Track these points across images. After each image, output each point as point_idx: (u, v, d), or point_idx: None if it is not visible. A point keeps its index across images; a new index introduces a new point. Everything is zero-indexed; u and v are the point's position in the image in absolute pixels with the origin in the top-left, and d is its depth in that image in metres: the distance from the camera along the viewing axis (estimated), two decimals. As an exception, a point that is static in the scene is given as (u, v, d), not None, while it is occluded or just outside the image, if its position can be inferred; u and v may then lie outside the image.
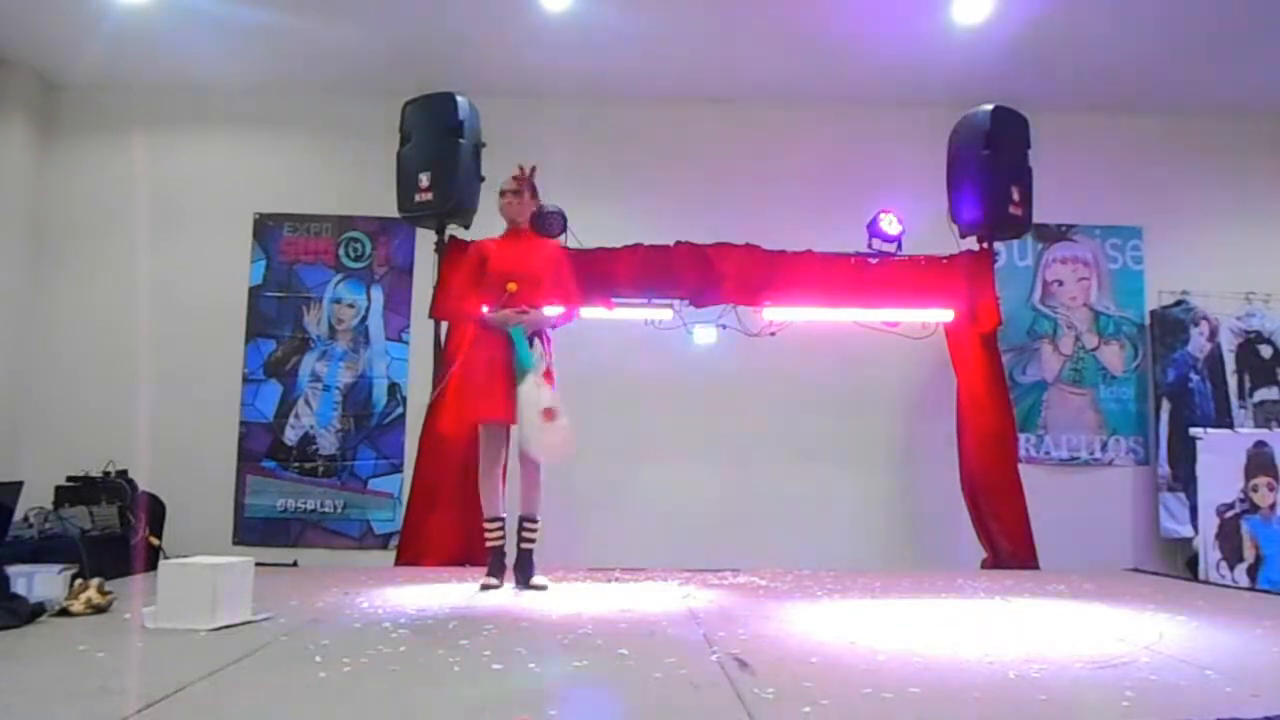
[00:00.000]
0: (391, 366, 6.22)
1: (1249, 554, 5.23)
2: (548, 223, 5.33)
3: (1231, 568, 5.23)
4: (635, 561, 5.04)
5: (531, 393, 3.94)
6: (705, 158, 6.35)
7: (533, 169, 4.36)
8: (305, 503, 6.08)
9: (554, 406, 3.92)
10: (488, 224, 5.41)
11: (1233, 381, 6.24)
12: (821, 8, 5.37)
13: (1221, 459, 5.33)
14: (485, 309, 4.16)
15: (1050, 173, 5.70)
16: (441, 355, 5.36)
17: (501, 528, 4.21)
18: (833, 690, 2.20)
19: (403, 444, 6.05)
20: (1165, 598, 3.97)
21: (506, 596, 3.92)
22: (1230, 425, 5.99)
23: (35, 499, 4.87)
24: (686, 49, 5.82)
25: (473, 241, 4.45)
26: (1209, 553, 5.28)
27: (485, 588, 4.05)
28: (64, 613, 3.19)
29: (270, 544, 5.93)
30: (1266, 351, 6.26)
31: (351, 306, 6.28)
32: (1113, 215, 6.45)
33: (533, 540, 4.17)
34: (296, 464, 6.11)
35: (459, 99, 5.28)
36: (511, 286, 4.11)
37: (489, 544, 4.20)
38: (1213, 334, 6.26)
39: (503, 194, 4.32)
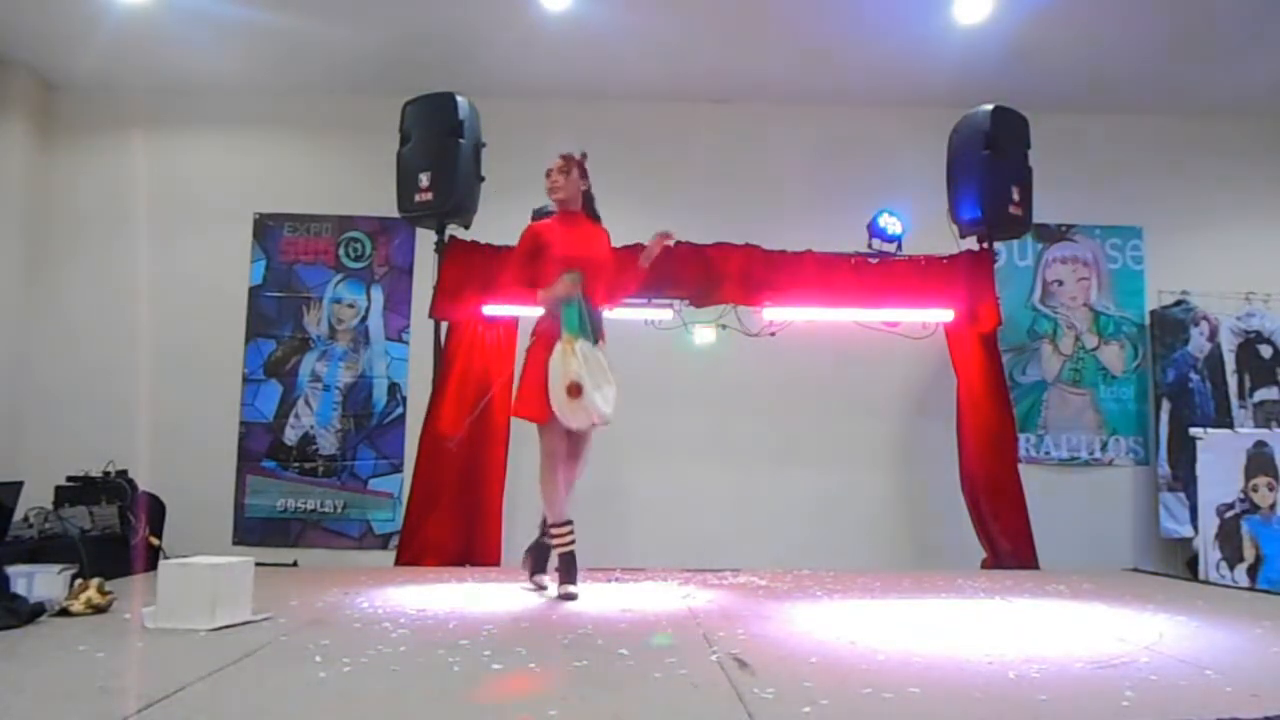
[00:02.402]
0: (391, 366, 6.22)
1: (1249, 554, 5.23)
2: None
3: (1231, 568, 5.23)
4: (635, 561, 5.04)
5: (558, 362, 3.80)
6: (705, 158, 6.35)
7: (583, 155, 4.19)
8: (305, 503, 6.08)
9: (579, 381, 3.75)
10: (488, 224, 5.43)
11: (1233, 381, 6.24)
12: (822, 8, 5.38)
13: (1221, 459, 5.34)
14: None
15: (1050, 173, 5.70)
16: (441, 355, 5.37)
17: (572, 531, 3.96)
18: (833, 690, 2.20)
19: (403, 444, 6.05)
20: (1165, 598, 3.96)
21: (505, 597, 3.91)
22: (1230, 425, 5.99)
23: (35, 499, 4.87)
24: (686, 49, 5.82)
25: (529, 226, 4.22)
26: (1209, 553, 5.28)
27: (566, 598, 3.78)
28: (64, 613, 3.18)
29: (270, 544, 5.93)
30: (1266, 351, 6.26)
31: (351, 306, 6.28)
32: (1113, 215, 6.45)
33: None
34: (296, 464, 6.11)
35: (459, 99, 5.28)
36: (569, 277, 3.88)
37: (561, 550, 3.93)
38: (1213, 334, 6.26)
39: (548, 173, 4.11)
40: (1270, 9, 5.26)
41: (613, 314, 5.36)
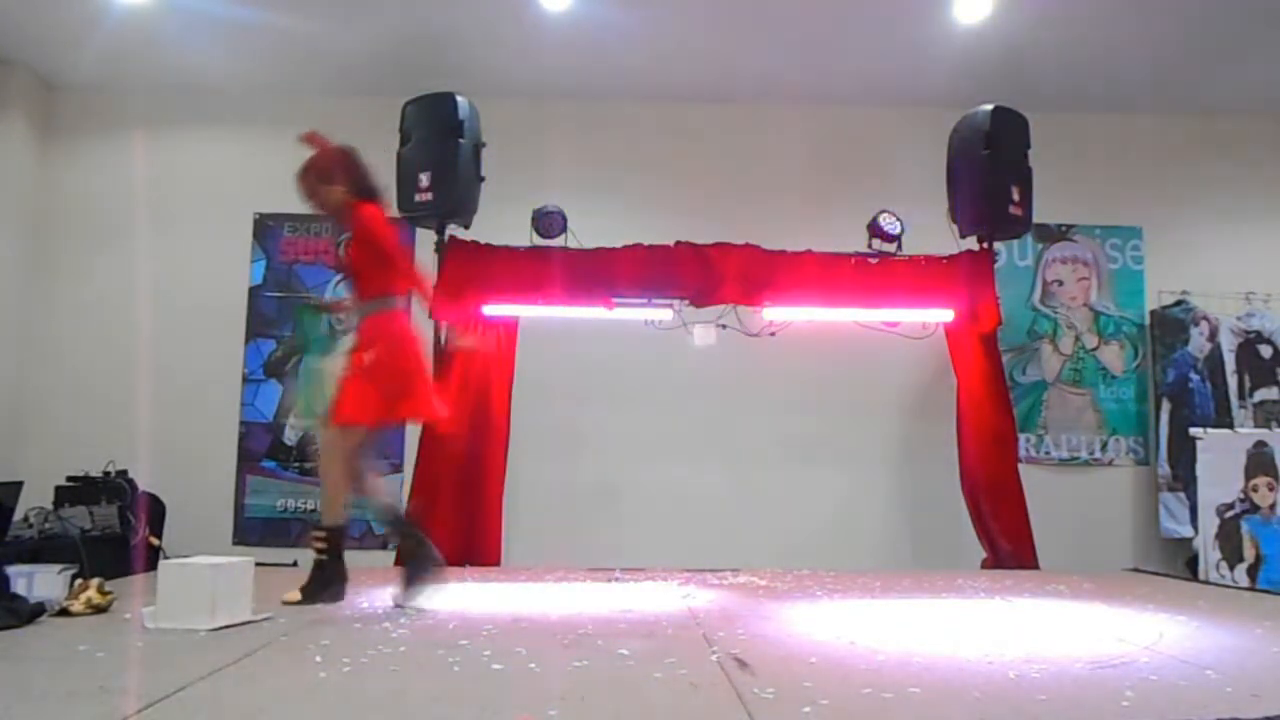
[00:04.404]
0: (391, 366, 6.21)
1: (1249, 554, 5.23)
2: (547, 223, 5.35)
3: (1231, 568, 5.23)
4: (635, 561, 5.04)
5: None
6: (705, 158, 6.35)
7: (309, 138, 3.80)
8: (305, 503, 6.07)
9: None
10: (488, 224, 5.43)
11: (1233, 381, 6.24)
12: (822, 8, 5.37)
13: (1221, 459, 5.33)
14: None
15: (1050, 173, 5.70)
16: (441, 355, 5.37)
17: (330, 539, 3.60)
18: (833, 690, 2.20)
19: (403, 444, 6.04)
20: (1165, 598, 3.96)
21: (505, 596, 3.91)
22: (1230, 425, 5.98)
23: (35, 499, 4.87)
24: (686, 49, 5.82)
25: None
26: (1209, 553, 5.28)
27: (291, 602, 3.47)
28: (64, 613, 3.18)
29: (270, 544, 5.93)
30: (1266, 351, 6.26)
31: (351, 306, 6.28)
32: (1113, 215, 6.45)
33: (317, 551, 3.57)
34: (296, 464, 6.11)
35: (459, 99, 5.28)
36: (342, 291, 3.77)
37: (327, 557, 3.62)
38: (1213, 334, 6.26)
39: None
40: (1270, 9, 5.26)
41: (613, 314, 5.41)
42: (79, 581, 3.34)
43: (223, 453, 6.10)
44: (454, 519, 5.22)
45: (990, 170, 5.37)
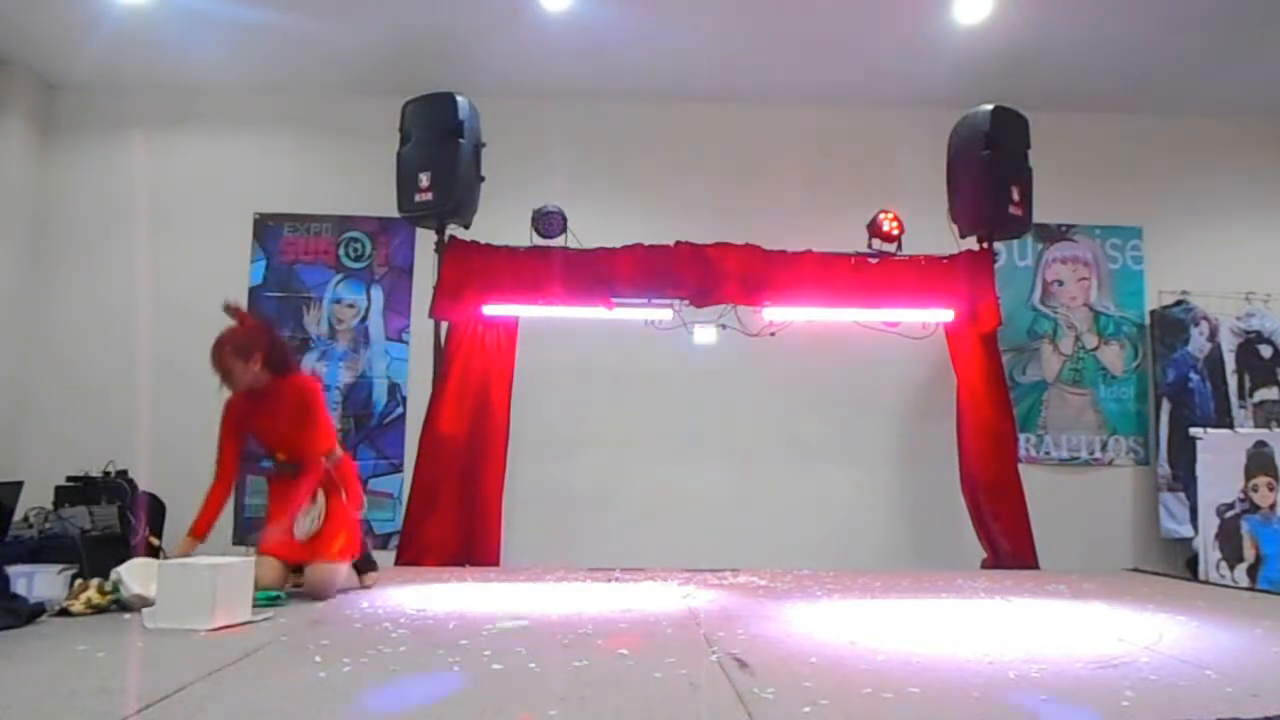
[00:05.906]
0: (391, 366, 6.22)
1: (1249, 554, 5.23)
2: (547, 223, 5.36)
3: (1231, 568, 5.23)
4: (635, 561, 5.04)
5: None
6: (705, 158, 6.35)
7: (233, 310, 3.95)
8: (305, 503, 6.06)
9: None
10: (488, 224, 5.44)
11: (1233, 381, 6.24)
12: (822, 8, 5.37)
13: (1221, 459, 5.33)
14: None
15: (1050, 173, 5.70)
16: (441, 355, 5.37)
17: None
18: (833, 690, 2.20)
19: (403, 444, 6.05)
20: (1165, 598, 3.96)
21: (505, 596, 3.91)
22: (1230, 425, 5.98)
23: (35, 499, 4.86)
24: (686, 49, 5.82)
25: (225, 404, 4.07)
26: (1209, 553, 5.28)
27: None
28: (64, 613, 3.18)
29: (270, 544, 5.91)
30: (1266, 351, 6.26)
31: (351, 306, 6.28)
32: (1113, 215, 6.45)
33: None
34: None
35: (459, 99, 5.28)
36: (281, 456, 3.93)
37: None
38: (1213, 334, 6.26)
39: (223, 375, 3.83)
40: (1270, 9, 5.26)
41: (613, 314, 5.42)
42: (79, 581, 3.34)
43: (223, 453, 6.08)
44: (453, 519, 5.23)
45: (990, 170, 5.37)
